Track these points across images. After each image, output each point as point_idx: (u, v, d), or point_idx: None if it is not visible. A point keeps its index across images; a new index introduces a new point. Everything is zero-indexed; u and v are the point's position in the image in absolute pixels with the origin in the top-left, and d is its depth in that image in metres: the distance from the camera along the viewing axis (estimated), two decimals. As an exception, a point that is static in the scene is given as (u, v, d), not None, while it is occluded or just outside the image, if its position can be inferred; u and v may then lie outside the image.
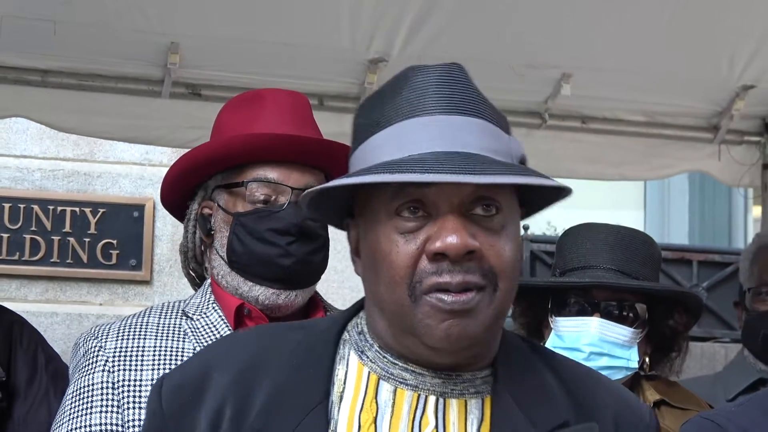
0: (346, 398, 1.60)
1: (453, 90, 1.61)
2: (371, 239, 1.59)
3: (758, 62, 4.35)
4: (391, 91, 1.62)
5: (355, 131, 1.66)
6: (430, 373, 1.61)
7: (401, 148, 1.55)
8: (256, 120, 2.51)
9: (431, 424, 1.59)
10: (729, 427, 1.98)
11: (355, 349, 1.66)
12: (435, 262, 1.55)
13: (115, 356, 2.35)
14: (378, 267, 1.58)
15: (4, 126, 6.59)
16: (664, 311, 2.83)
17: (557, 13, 4.01)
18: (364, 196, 1.61)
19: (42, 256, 6.77)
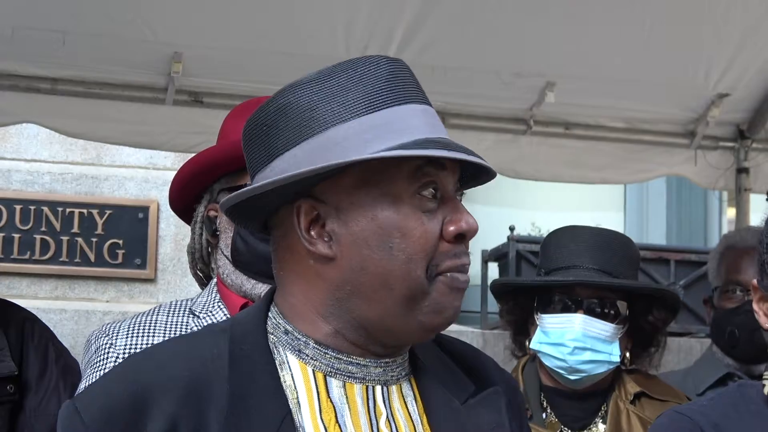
0: (303, 403, 1.53)
1: (413, 81, 1.59)
2: (383, 215, 1.51)
3: (732, 72, 4.38)
4: (350, 79, 1.54)
5: (300, 115, 1.54)
6: (373, 363, 1.58)
7: (403, 131, 1.52)
8: None
9: (384, 413, 1.57)
10: (700, 420, 1.99)
11: (291, 350, 1.57)
12: (454, 242, 1.54)
13: (125, 353, 2.34)
14: (392, 242, 1.51)
15: (15, 131, 6.59)
16: (643, 308, 2.84)
17: (542, 24, 4.02)
18: (350, 174, 1.52)
19: (51, 255, 6.77)
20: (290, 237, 1.58)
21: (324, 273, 1.55)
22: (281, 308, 1.60)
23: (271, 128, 1.56)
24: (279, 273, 1.62)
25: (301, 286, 1.58)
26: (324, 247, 1.54)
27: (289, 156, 1.53)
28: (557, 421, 2.81)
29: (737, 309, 3.40)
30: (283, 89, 1.57)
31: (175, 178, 2.55)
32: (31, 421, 2.80)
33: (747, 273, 3.37)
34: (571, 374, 2.75)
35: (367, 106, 1.53)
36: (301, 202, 1.54)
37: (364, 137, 1.51)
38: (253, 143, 1.60)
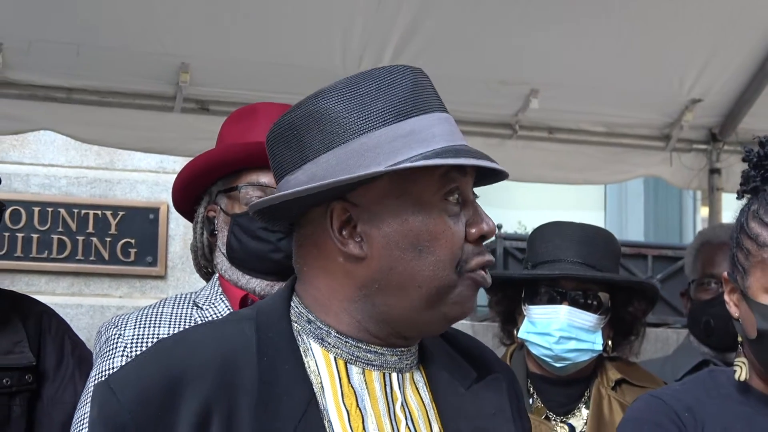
0: (327, 388, 1.54)
1: (433, 89, 1.61)
2: (415, 220, 1.52)
3: (705, 79, 4.38)
4: (377, 87, 1.55)
5: (332, 122, 1.55)
6: (390, 351, 1.59)
7: (429, 140, 1.53)
8: (250, 131, 2.51)
9: (399, 398, 1.59)
10: (674, 404, 1.99)
11: (314, 338, 1.57)
12: (476, 243, 1.57)
13: (133, 343, 2.35)
14: (424, 246, 1.53)
15: (33, 138, 6.59)
16: (624, 299, 2.84)
17: (527, 36, 4.03)
18: (380, 181, 1.53)
19: (68, 254, 6.77)
20: (319, 236, 1.58)
21: (353, 271, 1.56)
22: (303, 299, 1.61)
23: (303, 133, 1.57)
24: (303, 268, 1.62)
25: (327, 281, 1.58)
26: (355, 248, 1.55)
27: (322, 161, 1.54)
28: (543, 407, 2.81)
29: (713, 300, 3.40)
30: (314, 95, 1.57)
31: (176, 181, 2.56)
32: (48, 408, 2.79)
33: (721, 267, 3.36)
34: (556, 362, 2.75)
35: (395, 115, 1.53)
36: (334, 205, 1.55)
37: (394, 145, 1.52)
38: (282, 145, 1.60)
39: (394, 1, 3.86)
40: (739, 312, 1.99)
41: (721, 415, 1.96)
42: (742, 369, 2.00)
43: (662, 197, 12.21)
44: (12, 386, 2.76)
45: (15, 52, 3.84)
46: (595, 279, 2.76)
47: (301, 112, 1.57)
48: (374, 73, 1.57)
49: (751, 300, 1.93)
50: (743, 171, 2.05)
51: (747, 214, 1.99)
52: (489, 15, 3.94)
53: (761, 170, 2.01)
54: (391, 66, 1.60)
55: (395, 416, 1.57)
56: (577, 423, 2.78)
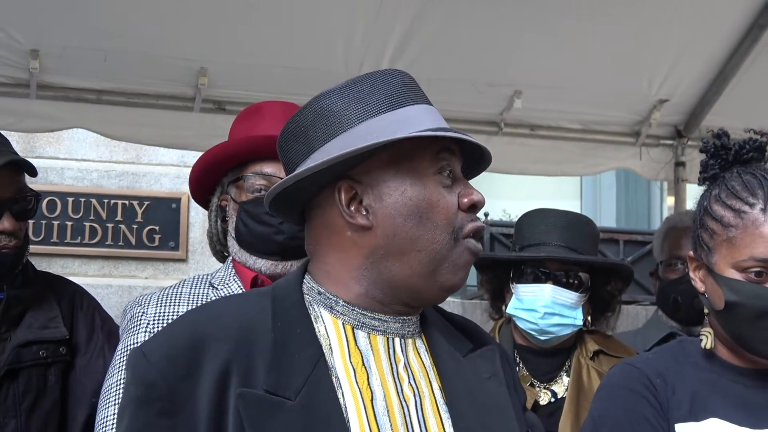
0: (335, 348, 1.56)
1: (419, 87, 1.66)
2: (413, 191, 1.56)
3: (671, 81, 4.38)
4: (371, 84, 1.60)
5: (334, 115, 1.59)
6: (393, 319, 1.61)
7: (420, 124, 1.56)
8: (255, 126, 2.52)
9: (401, 360, 1.60)
10: (647, 370, 1.98)
11: (324, 306, 1.59)
12: (469, 212, 1.60)
13: (155, 319, 2.34)
14: (423, 214, 1.56)
15: (67, 135, 6.59)
16: (602, 279, 2.84)
17: (511, 43, 4.02)
18: (380, 158, 1.57)
19: (99, 239, 6.78)
20: (329, 215, 1.61)
21: (360, 241, 1.58)
22: (315, 275, 1.63)
23: (309, 128, 1.61)
24: (315, 248, 1.65)
25: (337, 255, 1.60)
26: (363, 219, 1.57)
27: (327, 148, 1.57)
28: (528, 375, 2.80)
29: (679, 279, 3.40)
30: (317, 96, 1.62)
31: (191, 174, 2.58)
32: (80, 377, 2.78)
33: (686, 249, 3.32)
34: (541, 335, 2.75)
35: (389, 106, 1.58)
36: (341, 183, 1.58)
37: (390, 128, 1.55)
38: (292, 142, 1.64)
39: (391, 11, 3.85)
40: (705, 287, 1.99)
41: (689, 380, 1.96)
42: (708, 338, 2.01)
43: (632, 187, 12.23)
44: (48, 357, 2.75)
45: (50, 58, 3.82)
46: (576, 261, 2.76)
47: (307, 111, 1.62)
48: (368, 74, 1.62)
49: (718, 275, 1.92)
50: (702, 160, 2.06)
51: (709, 198, 2.00)
52: (478, 24, 3.93)
53: (719, 159, 2.02)
54: (383, 70, 1.65)
55: (398, 375, 1.59)
56: (558, 389, 2.78)
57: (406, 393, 1.57)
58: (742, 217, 1.89)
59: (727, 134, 2.02)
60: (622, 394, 1.96)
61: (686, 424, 1.91)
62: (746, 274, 1.88)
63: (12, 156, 2.74)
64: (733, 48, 4.23)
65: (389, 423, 1.52)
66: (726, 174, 1.99)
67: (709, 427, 1.89)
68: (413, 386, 1.59)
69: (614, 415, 1.95)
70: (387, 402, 1.54)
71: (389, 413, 1.53)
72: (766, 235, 1.85)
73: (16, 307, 2.76)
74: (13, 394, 2.68)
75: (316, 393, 1.49)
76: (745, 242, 1.87)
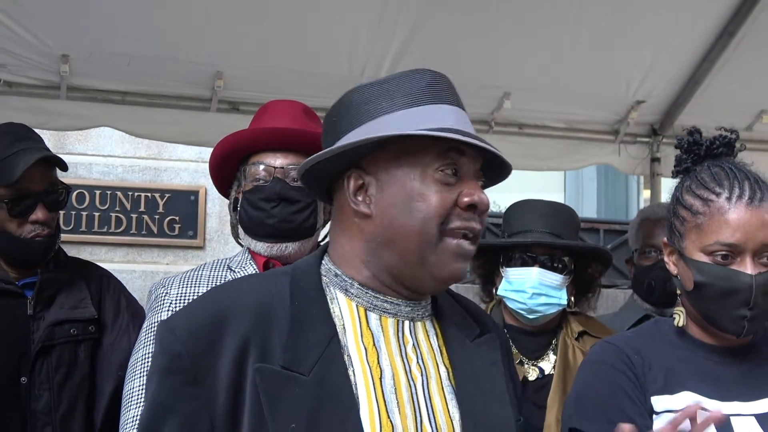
0: (348, 328, 1.55)
1: (450, 88, 1.62)
2: (411, 184, 1.52)
3: (647, 84, 4.38)
4: (400, 80, 1.57)
5: (360, 107, 1.56)
6: (403, 303, 1.59)
7: (435, 122, 1.53)
8: (258, 120, 2.54)
9: (410, 341, 1.59)
10: (625, 347, 1.99)
11: (340, 289, 1.58)
12: (466, 211, 1.55)
13: (177, 299, 2.34)
14: (413, 204, 1.52)
15: (94, 133, 6.58)
16: (584, 263, 2.84)
17: (501, 48, 4.02)
18: (389, 151, 1.54)
19: (124, 228, 6.78)
20: (341, 200, 1.60)
21: (364, 227, 1.57)
22: (332, 257, 1.62)
23: (338, 119, 1.59)
24: (333, 230, 1.65)
25: (347, 239, 1.59)
26: (365, 207, 1.56)
27: (348, 136, 1.55)
28: (517, 353, 2.79)
29: (653, 266, 3.39)
30: (349, 90, 1.60)
31: (210, 168, 2.57)
32: (107, 354, 2.79)
33: (659, 237, 3.36)
34: (529, 314, 2.75)
35: (410, 103, 1.54)
36: (351, 172, 1.57)
37: (406, 123, 1.52)
38: (326, 132, 1.62)
39: (392, 20, 3.85)
40: (677, 270, 2.00)
41: (664, 357, 1.97)
42: (680, 317, 2.01)
43: (612, 181, 12.24)
44: (78, 335, 2.76)
45: (79, 62, 3.82)
46: (560, 246, 2.76)
47: (339, 104, 1.61)
48: (399, 73, 1.59)
49: (688, 258, 1.93)
50: (676, 155, 2.07)
51: (681, 189, 2.00)
52: (470, 32, 3.93)
53: (691, 154, 2.03)
54: (415, 69, 1.60)
55: (407, 355, 1.57)
56: (545, 366, 2.78)
57: (414, 373, 1.56)
58: (709, 205, 1.90)
59: (699, 132, 2.02)
60: (603, 369, 1.96)
61: (661, 396, 1.91)
62: (713, 257, 1.88)
63: (44, 152, 2.74)
64: (705, 53, 4.24)
65: (396, 400, 1.52)
66: (697, 167, 2.00)
67: (682, 400, 1.89)
68: (421, 366, 1.58)
69: (596, 388, 1.95)
70: (395, 380, 1.53)
71: (396, 391, 1.52)
72: (731, 222, 1.86)
73: (49, 289, 2.76)
74: (46, 368, 2.69)
75: (329, 370, 1.48)
76: (712, 228, 1.88)
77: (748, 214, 1.85)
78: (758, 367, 1.95)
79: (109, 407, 2.71)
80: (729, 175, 1.91)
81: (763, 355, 1.98)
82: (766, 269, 1.86)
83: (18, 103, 3.89)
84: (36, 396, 2.66)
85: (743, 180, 1.90)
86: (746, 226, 1.85)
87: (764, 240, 1.85)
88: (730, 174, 1.92)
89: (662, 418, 1.89)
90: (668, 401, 1.91)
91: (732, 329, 1.90)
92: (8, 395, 2.61)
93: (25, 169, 2.64)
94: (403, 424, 1.50)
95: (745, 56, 4.17)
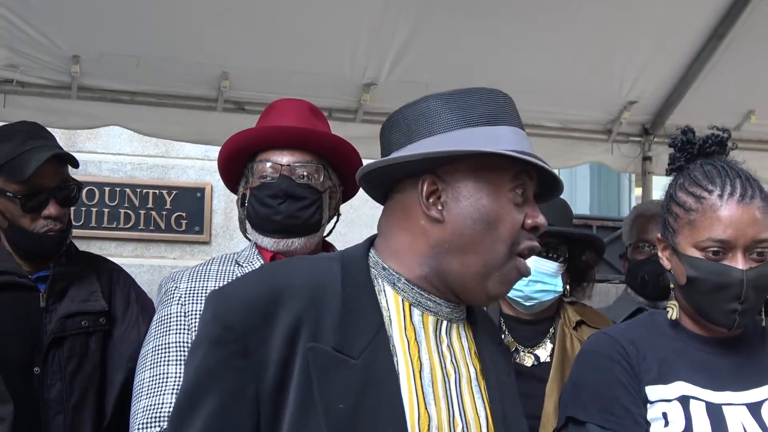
0: (394, 321, 1.56)
1: (515, 110, 1.64)
2: (487, 201, 1.54)
3: (639, 85, 4.37)
4: (476, 98, 1.58)
5: (437, 116, 1.57)
6: (445, 304, 1.61)
7: (509, 143, 1.54)
8: (265, 119, 2.54)
9: (445, 341, 1.60)
10: (620, 339, 1.99)
11: (388, 282, 1.58)
12: (530, 232, 1.59)
13: (187, 293, 2.34)
14: (491, 222, 1.54)
15: (104, 132, 6.57)
16: (578, 251, 2.84)
17: (497, 51, 4.00)
18: (467, 164, 1.55)
19: (132, 224, 6.76)
20: (408, 201, 1.60)
21: (430, 231, 1.57)
22: (380, 251, 1.62)
23: (412, 122, 1.58)
24: (387, 226, 1.64)
25: (407, 238, 1.59)
26: (437, 213, 1.56)
27: (423, 143, 1.56)
28: (513, 341, 2.79)
29: (646, 260, 3.41)
30: (425, 97, 1.60)
31: (218, 164, 2.56)
32: (117, 345, 2.78)
33: (653, 233, 3.39)
34: (526, 301, 2.74)
35: (487, 121, 1.56)
36: (426, 177, 1.56)
37: (482, 140, 1.53)
38: (394, 130, 1.62)
39: (392, 24, 3.83)
40: (671, 264, 2.00)
41: (658, 348, 1.97)
42: (674, 310, 2.02)
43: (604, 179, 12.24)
44: (89, 327, 2.76)
45: (89, 63, 3.81)
46: (555, 232, 2.75)
47: (413, 107, 1.60)
48: (476, 89, 1.60)
49: (681, 253, 1.93)
50: (670, 154, 2.07)
51: (675, 186, 2.01)
52: (468, 36, 3.92)
53: (684, 153, 2.03)
54: (490, 88, 1.61)
55: (442, 353, 1.59)
56: (541, 354, 2.77)
57: (448, 369, 1.58)
58: (701, 202, 1.90)
59: (693, 131, 2.02)
60: (599, 360, 1.97)
61: (656, 386, 1.92)
62: (705, 253, 1.88)
63: (57, 150, 2.74)
64: (695, 55, 4.23)
65: (433, 393, 1.53)
66: (690, 165, 2.00)
67: (675, 389, 1.90)
68: (454, 365, 1.60)
69: (592, 377, 1.95)
70: (432, 375, 1.55)
71: (433, 385, 1.54)
72: (723, 219, 1.86)
73: (61, 283, 2.76)
74: (59, 359, 2.68)
75: (377, 356, 1.49)
76: (704, 225, 1.88)
77: (740, 212, 1.85)
78: (749, 358, 1.96)
79: (119, 397, 2.71)
80: (721, 173, 1.91)
81: (754, 347, 1.99)
82: (756, 264, 1.86)
83: (30, 103, 3.89)
84: (48, 385, 2.66)
85: (735, 178, 1.90)
86: (737, 222, 1.85)
87: (755, 236, 1.85)
88: (722, 172, 1.92)
89: (656, 407, 1.89)
90: (662, 391, 1.91)
91: (723, 322, 1.90)
92: (22, 385, 2.61)
93: (38, 166, 2.64)
94: (438, 416, 1.52)
95: (735, 58, 4.16)
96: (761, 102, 4.45)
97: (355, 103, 4.18)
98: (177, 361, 2.25)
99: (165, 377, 2.24)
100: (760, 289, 1.87)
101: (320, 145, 2.42)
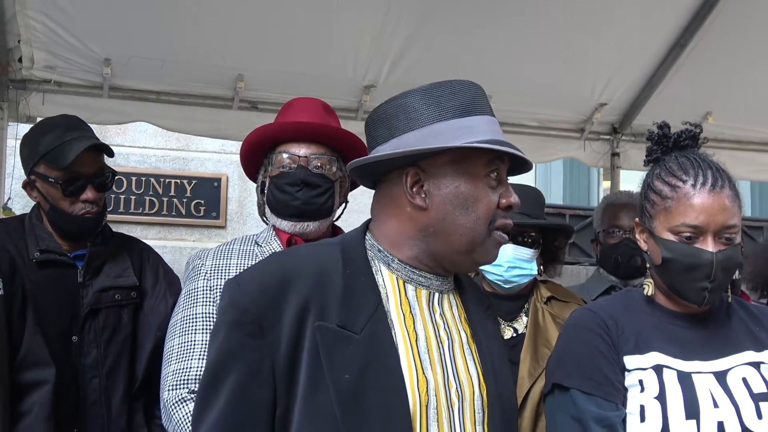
0: (390, 297, 1.56)
1: (486, 99, 1.62)
2: (465, 187, 1.53)
3: (609, 88, 4.37)
4: (449, 92, 1.56)
5: (415, 112, 1.55)
6: (435, 278, 1.61)
7: (483, 132, 1.53)
8: (284, 115, 2.53)
9: (438, 310, 1.60)
10: (601, 314, 1.97)
11: (383, 263, 1.58)
12: (505, 210, 1.58)
13: (212, 270, 2.33)
14: (470, 205, 1.54)
15: (132, 128, 6.53)
16: (551, 237, 2.83)
17: (484, 55, 3.99)
18: (446, 155, 1.53)
19: (156, 210, 6.73)
20: (395, 190, 1.59)
21: (416, 218, 1.57)
22: (376, 236, 1.61)
23: (392, 117, 1.57)
24: (379, 212, 1.62)
25: (396, 224, 1.59)
26: (421, 201, 1.56)
27: (404, 138, 1.55)
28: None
29: (618, 243, 3.41)
30: (403, 93, 1.58)
31: (240, 154, 2.55)
32: (147, 316, 2.76)
33: (623, 219, 3.42)
34: (506, 284, 2.73)
35: (461, 113, 1.54)
36: (410, 169, 1.56)
37: (457, 132, 1.52)
38: (378, 125, 1.60)
39: (391, 30, 3.81)
40: (647, 246, 1.98)
41: (635, 322, 1.95)
42: (649, 287, 2.00)
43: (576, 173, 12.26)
44: (122, 300, 2.74)
45: (119, 65, 3.79)
46: (531, 224, 2.74)
47: (393, 103, 1.59)
48: (447, 82, 1.57)
49: (657, 237, 1.92)
50: (647, 146, 2.04)
51: (652, 176, 1.98)
52: (460, 41, 3.90)
53: (661, 146, 2.01)
54: (461, 80, 1.59)
55: (435, 322, 1.59)
56: (519, 326, 2.76)
57: (442, 337, 1.58)
58: (676, 191, 1.89)
59: (668, 126, 2.01)
60: (582, 332, 1.95)
61: (633, 356, 1.90)
62: (679, 237, 1.87)
63: (94, 140, 2.73)
64: (659, 62, 4.23)
65: (429, 359, 1.54)
66: (666, 157, 1.98)
67: (650, 359, 1.88)
68: (447, 332, 1.59)
69: (575, 349, 1.94)
70: (427, 343, 1.55)
71: (429, 352, 1.54)
72: (695, 206, 1.85)
73: (96, 260, 2.74)
74: (94, 329, 2.67)
75: (377, 330, 1.49)
76: (678, 211, 1.87)
77: (711, 200, 1.84)
78: (716, 331, 1.95)
79: (149, 363, 2.70)
80: (694, 165, 1.90)
81: (720, 321, 1.98)
82: (725, 247, 1.85)
83: (66, 101, 3.87)
84: (85, 352, 2.65)
85: (706, 169, 1.88)
86: (708, 209, 1.83)
87: (724, 222, 1.84)
88: (695, 163, 1.90)
89: (633, 375, 1.88)
90: (638, 360, 1.89)
91: (694, 299, 1.89)
92: (62, 351, 2.60)
93: (78, 155, 2.63)
94: (434, 379, 1.53)
95: (695, 65, 4.17)
96: (718, 104, 4.46)
97: (356, 103, 4.16)
98: (203, 330, 2.25)
99: (192, 344, 2.23)
100: (728, 270, 1.86)
101: (332, 138, 2.42)
